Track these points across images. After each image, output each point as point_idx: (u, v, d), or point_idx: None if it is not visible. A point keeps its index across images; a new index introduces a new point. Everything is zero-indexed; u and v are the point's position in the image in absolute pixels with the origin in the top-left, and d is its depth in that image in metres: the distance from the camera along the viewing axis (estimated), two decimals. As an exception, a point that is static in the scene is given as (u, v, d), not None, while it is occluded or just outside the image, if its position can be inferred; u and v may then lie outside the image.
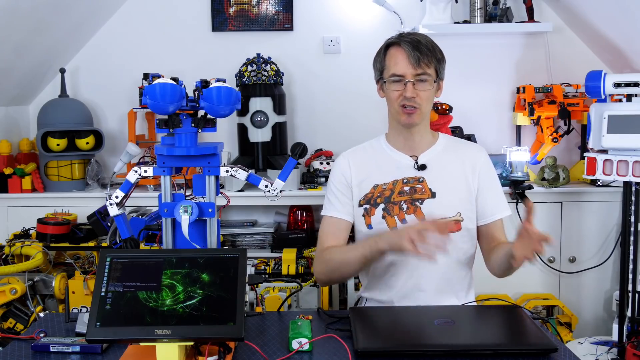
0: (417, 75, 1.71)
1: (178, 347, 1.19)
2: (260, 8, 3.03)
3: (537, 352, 1.29)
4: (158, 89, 1.33)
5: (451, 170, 1.79)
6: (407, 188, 1.77)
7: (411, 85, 1.71)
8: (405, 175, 1.78)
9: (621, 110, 2.35)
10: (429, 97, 1.75)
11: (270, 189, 1.51)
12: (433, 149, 1.82)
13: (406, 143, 1.81)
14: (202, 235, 1.46)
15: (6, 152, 2.83)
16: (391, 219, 1.76)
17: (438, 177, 1.77)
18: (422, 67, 1.70)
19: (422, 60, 1.70)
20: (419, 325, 1.44)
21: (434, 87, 1.75)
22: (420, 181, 1.77)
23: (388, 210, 1.76)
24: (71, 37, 2.98)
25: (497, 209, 1.80)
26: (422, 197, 1.75)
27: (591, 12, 2.77)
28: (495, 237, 1.79)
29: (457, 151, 1.84)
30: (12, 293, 2.19)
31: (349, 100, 3.08)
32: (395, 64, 1.73)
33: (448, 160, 1.81)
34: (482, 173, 1.80)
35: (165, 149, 1.42)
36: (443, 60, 1.78)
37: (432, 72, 1.73)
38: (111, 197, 1.46)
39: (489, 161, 1.85)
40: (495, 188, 1.82)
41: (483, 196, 1.79)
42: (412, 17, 2.99)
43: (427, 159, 1.80)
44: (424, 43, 1.73)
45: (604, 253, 2.76)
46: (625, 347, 2.39)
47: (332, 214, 1.82)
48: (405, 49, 1.71)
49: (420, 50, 1.70)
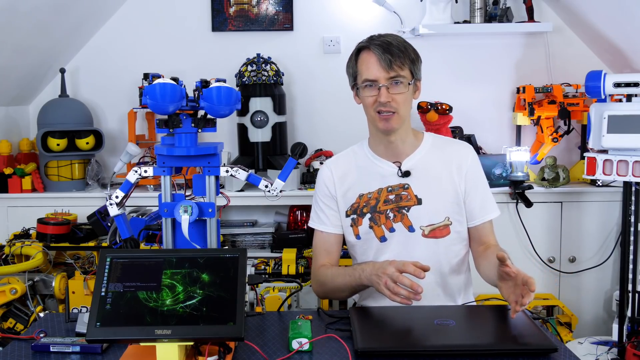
0: (390, 79, 1.65)
1: (178, 347, 1.19)
2: (260, 8, 3.03)
3: (537, 352, 1.29)
4: (158, 89, 1.33)
5: (436, 174, 1.75)
6: (392, 196, 1.73)
7: (385, 89, 1.65)
8: (389, 183, 1.75)
9: (621, 110, 2.35)
10: (406, 99, 1.69)
11: (270, 189, 1.51)
12: (417, 152, 1.77)
13: (388, 149, 1.77)
14: (202, 235, 1.46)
15: (6, 152, 2.83)
16: (378, 229, 1.74)
17: (423, 182, 1.74)
18: (395, 69, 1.65)
19: (394, 63, 1.64)
20: (419, 325, 1.44)
21: (410, 89, 1.69)
22: (405, 188, 1.74)
23: (374, 220, 1.74)
24: (71, 37, 2.98)
25: (485, 210, 1.76)
26: (408, 205, 1.72)
27: (591, 12, 2.77)
28: (484, 240, 1.77)
29: (442, 151, 1.78)
30: (12, 293, 2.19)
31: (349, 101, 3.04)
32: (367, 68, 1.68)
33: (433, 163, 1.76)
34: (468, 173, 1.76)
35: (165, 149, 1.42)
36: (418, 60, 1.72)
37: (406, 74, 1.67)
38: (111, 197, 1.46)
39: (476, 160, 1.80)
40: (482, 189, 1.78)
41: (470, 198, 1.75)
42: (412, 17, 3.00)
43: (411, 164, 1.76)
44: (395, 44, 1.67)
45: (604, 253, 2.76)
46: (625, 347, 2.39)
47: (320, 227, 1.81)
48: (375, 53, 1.66)
49: (392, 53, 1.65)
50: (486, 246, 1.75)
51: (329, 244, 1.80)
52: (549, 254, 2.78)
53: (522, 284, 1.37)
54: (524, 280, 1.36)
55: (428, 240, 1.72)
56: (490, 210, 1.78)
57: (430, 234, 1.72)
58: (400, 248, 1.73)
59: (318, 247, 1.82)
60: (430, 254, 1.72)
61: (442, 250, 1.73)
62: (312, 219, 1.84)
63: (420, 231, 1.72)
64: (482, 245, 1.76)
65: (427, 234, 1.72)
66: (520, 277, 1.38)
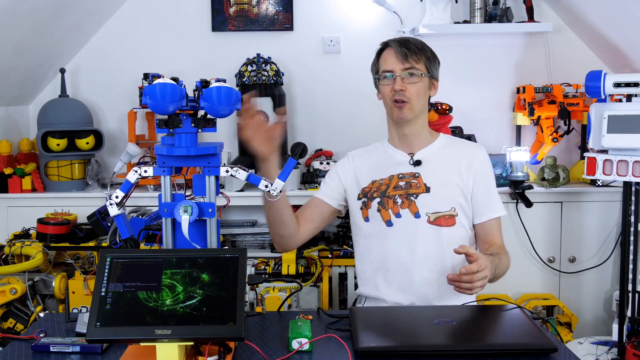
0: (405, 70, 1.77)
1: (178, 347, 1.19)
2: (260, 8, 3.03)
3: (537, 352, 1.29)
4: (158, 89, 1.33)
5: (446, 167, 1.82)
6: (403, 183, 1.81)
7: (400, 79, 1.77)
8: (401, 171, 1.83)
9: (621, 110, 2.35)
10: (419, 91, 1.79)
11: (270, 189, 1.51)
12: (430, 147, 1.87)
13: (402, 142, 1.87)
14: (202, 235, 1.46)
15: (6, 152, 2.83)
16: (385, 213, 1.80)
17: (433, 172, 1.81)
18: (410, 62, 1.78)
19: (409, 56, 1.78)
20: (419, 325, 1.44)
21: (424, 83, 1.80)
22: (416, 177, 1.81)
23: (383, 204, 1.80)
24: (71, 37, 2.98)
25: (491, 208, 1.82)
26: (417, 192, 1.79)
27: (591, 12, 2.77)
28: (489, 239, 1.81)
29: (455, 149, 1.87)
30: (12, 293, 2.19)
31: (349, 100, 3.08)
32: (385, 61, 1.82)
33: (444, 157, 1.84)
34: (477, 172, 1.82)
35: (165, 149, 1.42)
36: (434, 60, 1.85)
37: (421, 67, 1.79)
38: (111, 197, 1.45)
39: (487, 161, 1.86)
40: (489, 188, 1.84)
41: (477, 196, 1.81)
42: (412, 17, 3.00)
43: (424, 155, 1.85)
44: (413, 42, 1.82)
45: (604, 253, 2.76)
46: (625, 347, 2.39)
47: (318, 195, 1.93)
48: (393, 47, 1.80)
49: (408, 47, 1.79)
50: (490, 244, 1.77)
51: (312, 205, 1.92)
52: (549, 254, 2.78)
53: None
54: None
55: (433, 227, 1.77)
56: (497, 208, 1.83)
57: (435, 221, 1.77)
58: (405, 233, 1.78)
59: (303, 206, 1.93)
60: (434, 241, 1.76)
61: (445, 240, 1.77)
62: (318, 191, 1.95)
63: (426, 217, 1.77)
64: (486, 243, 1.78)
65: (432, 220, 1.77)
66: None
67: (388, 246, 1.79)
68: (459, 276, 1.48)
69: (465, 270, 1.47)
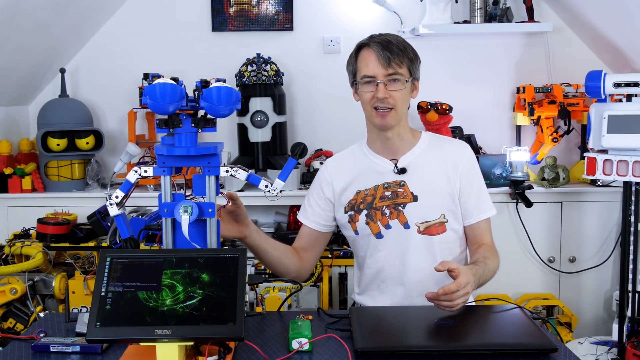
0: (388, 76, 1.68)
1: (178, 347, 1.19)
2: (260, 8, 3.03)
3: (537, 352, 1.29)
4: (158, 89, 1.33)
5: (432, 171, 1.76)
6: (389, 193, 1.75)
7: (383, 85, 1.68)
8: (385, 180, 1.76)
9: (621, 110, 2.35)
10: (403, 97, 1.71)
11: (270, 189, 1.51)
12: (413, 150, 1.79)
13: (384, 146, 1.79)
14: (202, 235, 1.46)
15: (6, 152, 2.83)
16: (374, 225, 1.75)
17: (419, 179, 1.75)
18: (393, 67, 1.68)
19: (392, 60, 1.67)
20: (419, 325, 1.44)
21: (408, 87, 1.72)
22: (402, 185, 1.75)
23: (371, 217, 1.75)
24: (71, 37, 2.98)
25: (480, 209, 1.77)
26: (404, 202, 1.74)
27: (591, 12, 2.77)
28: (478, 239, 1.77)
29: (439, 150, 1.80)
30: (12, 293, 2.19)
31: (349, 100, 3.04)
32: (366, 65, 1.71)
33: (429, 161, 1.77)
34: (464, 172, 1.76)
35: (165, 149, 1.41)
36: (416, 60, 1.75)
37: (404, 72, 1.70)
38: (111, 197, 1.45)
39: (473, 159, 1.80)
40: (478, 188, 1.78)
41: (465, 196, 1.76)
42: (412, 17, 3.00)
43: (408, 161, 1.77)
44: (395, 43, 1.70)
45: (604, 253, 2.76)
46: (625, 347, 2.39)
47: (302, 219, 1.88)
48: (375, 50, 1.69)
49: (391, 50, 1.68)
50: (478, 245, 1.75)
51: (303, 234, 1.87)
52: (549, 254, 2.78)
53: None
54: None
55: (423, 237, 1.73)
56: (486, 209, 1.78)
57: (425, 230, 1.73)
58: (396, 245, 1.74)
59: (297, 236, 1.89)
60: (426, 251, 1.73)
61: (437, 248, 1.74)
62: (300, 211, 1.90)
63: (416, 228, 1.73)
64: (476, 244, 1.76)
65: (422, 230, 1.73)
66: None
67: (380, 259, 1.76)
68: (437, 295, 1.42)
69: (443, 291, 1.40)
